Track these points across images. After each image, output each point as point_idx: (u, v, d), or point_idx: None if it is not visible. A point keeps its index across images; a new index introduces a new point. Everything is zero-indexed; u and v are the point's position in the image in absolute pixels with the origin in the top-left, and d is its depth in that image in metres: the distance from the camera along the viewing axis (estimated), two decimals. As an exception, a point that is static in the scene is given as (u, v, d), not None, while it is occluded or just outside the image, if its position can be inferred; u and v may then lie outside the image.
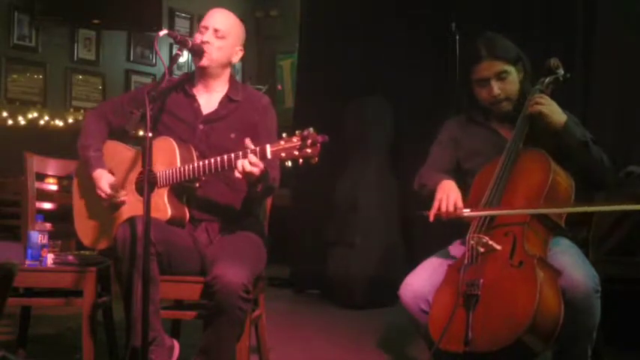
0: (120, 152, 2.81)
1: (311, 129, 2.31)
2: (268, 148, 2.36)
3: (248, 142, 2.40)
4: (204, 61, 2.71)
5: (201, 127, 2.75)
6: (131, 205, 2.69)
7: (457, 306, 2.20)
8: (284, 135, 2.36)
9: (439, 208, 2.40)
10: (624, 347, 3.20)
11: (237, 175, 2.42)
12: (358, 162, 4.99)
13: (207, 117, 2.77)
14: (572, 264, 2.29)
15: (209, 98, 2.80)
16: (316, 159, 2.31)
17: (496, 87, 2.59)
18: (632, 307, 3.33)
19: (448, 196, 2.41)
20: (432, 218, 2.42)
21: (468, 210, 2.39)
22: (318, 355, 3.50)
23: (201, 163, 2.54)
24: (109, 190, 2.68)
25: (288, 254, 5.43)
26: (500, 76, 2.59)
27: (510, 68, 2.60)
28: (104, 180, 2.70)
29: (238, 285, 2.38)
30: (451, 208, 2.39)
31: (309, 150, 2.29)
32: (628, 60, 4.07)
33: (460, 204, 2.40)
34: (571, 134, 2.47)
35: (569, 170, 2.47)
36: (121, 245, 2.45)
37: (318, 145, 2.29)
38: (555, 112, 2.50)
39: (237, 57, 2.80)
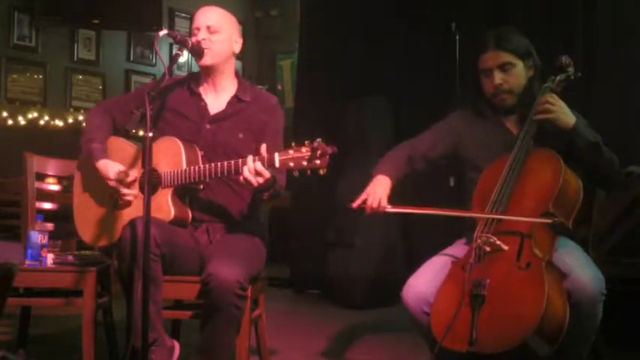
0: (123, 149, 2.79)
1: (320, 139, 2.30)
2: (277, 157, 2.35)
3: (263, 149, 2.40)
4: (206, 60, 2.69)
5: (207, 126, 2.74)
6: (134, 203, 2.68)
7: (462, 304, 2.20)
8: (292, 144, 2.34)
9: (364, 201, 2.55)
10: (624, 347, 3.20)
11: (243, 181, 2.42)
12: (358, 162, 4.97)
13: (214, 117, 2.75)
14: (579, 266, 2.28)
15: (216, 98, 2.78)
16: (325, 170, 2.30)
17: (498, 77, 2.59)
18: (632, 307, 3.32)
19: (375, 191, 2.57)
20: (354, 206, 2.58)
21: (390, 207, 2.54)
22: (318, 355, 3.50)
23: (207, 166, 2.53)
24: (117, 176, 2.64)
25: (288, 254, 5.43)
26: (504, 68, 2.58)
27: (516, 61, 2.58)
28: (111, 169, 2.66)
29: (233, 282, 2.37)
30: (375, 205, 2.54)
31: (318, 161, 2.29)
32: (628, 60, 4.07)
33: (384, 202, 2.55)
34: (581, 136, 2.45)
35: (577, 170, 2.47)
36: (124, 245, 2.45)
37: (328, 156, 2.29)
38: (564, 115, 2.47)
39: (237, 46, 2.78)
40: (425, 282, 2.42)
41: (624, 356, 3.23)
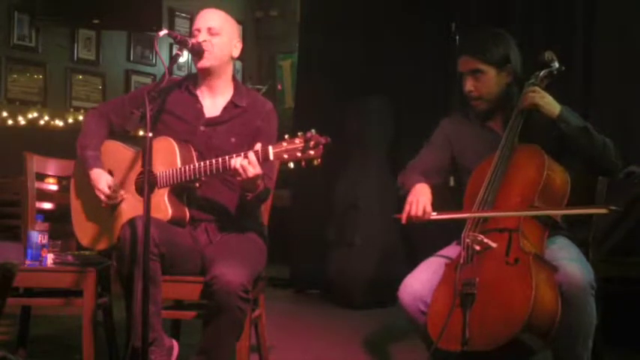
0: (119, 152, 2.81)
1: (313, 130, 2.31)
2: (270, 150, 2.36)
3: (258, 146, 2.41)
4: (205, 62, 2.69)
5: (202, 128, 2.74)
6: (131, 205, 2.69)
7: (454, 305, 2.21)
8: (286, 136, 2.36)
9: (409, 212, 2.46)
10: (624, 347, 3.20)
11: (232, 170, 2.42)
12: (358, 162, 4.99)
13: (209, 120, 2.76)
14: (569, 259, 2.30)
15: (213, 102, 2.78)
16: (319, 160, 2.31)
17: (469, 83, 2.61)
18: (632, 307, 3.33)
19: (418, 200, 2.48)
20: (404, 221, 2.48)
21: (435, 214, 2.46)
22: (318, 355, 3.50)
23: (202, 163, 2.53)
24: (107, 191, 2.67)
25: (288, 254, 5.43)
26: (474, 74, 2.60)
27: (487, 69, 2.58)
28: (102, 180, 2.69)
29: (237, 285, 2.38)
30: (419, 213, 2.45)
31: (312, 152, 2.29)
32: (628, 59, 4.07)
33: (429, 208, 2.46)
34: (568, 122, 2.47)
35: (572, 161, 2.47)
36: (123, 245, 2.45)
37: (321, 146, 2.29)
38: (549, 103, 2.50)
39: (236, 50, 2.79)
40: (421, 281, 2.43)
41: (624, 356, 3.23)
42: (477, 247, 2.31)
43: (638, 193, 3.40)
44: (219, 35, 2.71)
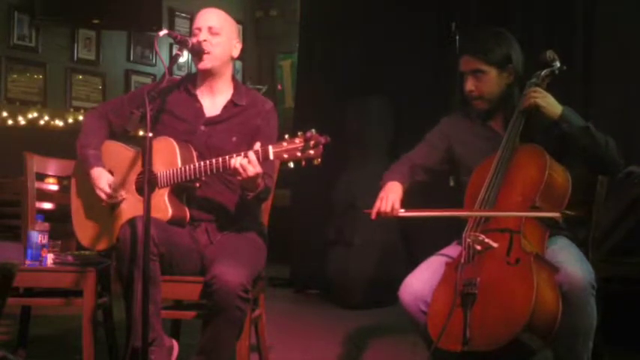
0: (119, 152, 2.81)
1: (313, 130, 2.32)
2: (271, 149, 2.37)
3: (258, 145, 2.42)
4: (206, 63, 2.69)
5: (202, 128, 2.75)
6: (131, 205, 2.68)
7: (455, 305, 2.20)
8: (286, 136, 2.36)
9: (379, 208, 2.54)
10: (624, 347, 3.20)
11: (232, 169, 2.43)
12: (358, 162, 4.98)
13: (209, 119, 2.76)
14: (570, 260, 2.30)
15: (213, 102, 2.78)
16: (319, 160, 2.31)
17: (470, 83, 2.62)
18: (632, 307, 3.32)
19: (387, 197, 2.56)
20: (373, 216, 2.55)
21: (403, 210, 2.54)
22: (318, 355, 3.50)
23: (202, 163, 2.54)
24: (108, 190, 2.67)
25: (288, 254, 5.43)
26: (475, 74, 2.60)
27: (488, 69, 2.59)
28: (103, 179, 2.69)
29: (237, 285, 2.38)
30: (388, 209, 2.52)
31: (311, 151, 2.30)
32: (628, 59, 4.07)
33: (397, 205, 2.54)
34: (570, 122, 2.47)
35: (573, 161, 2.47)
36: (123, 245, 2.45)
37: (321, 146, 2.30)
38: (551, 104, 2.50)
39: (236, 50, 2.79)
40: (421, 281, 2.43)
41: (624, 356, 3.23)
42: (478, 247, 2.31)
43: (638, 193, 3.39)
44: (219, 35, 2.71)
